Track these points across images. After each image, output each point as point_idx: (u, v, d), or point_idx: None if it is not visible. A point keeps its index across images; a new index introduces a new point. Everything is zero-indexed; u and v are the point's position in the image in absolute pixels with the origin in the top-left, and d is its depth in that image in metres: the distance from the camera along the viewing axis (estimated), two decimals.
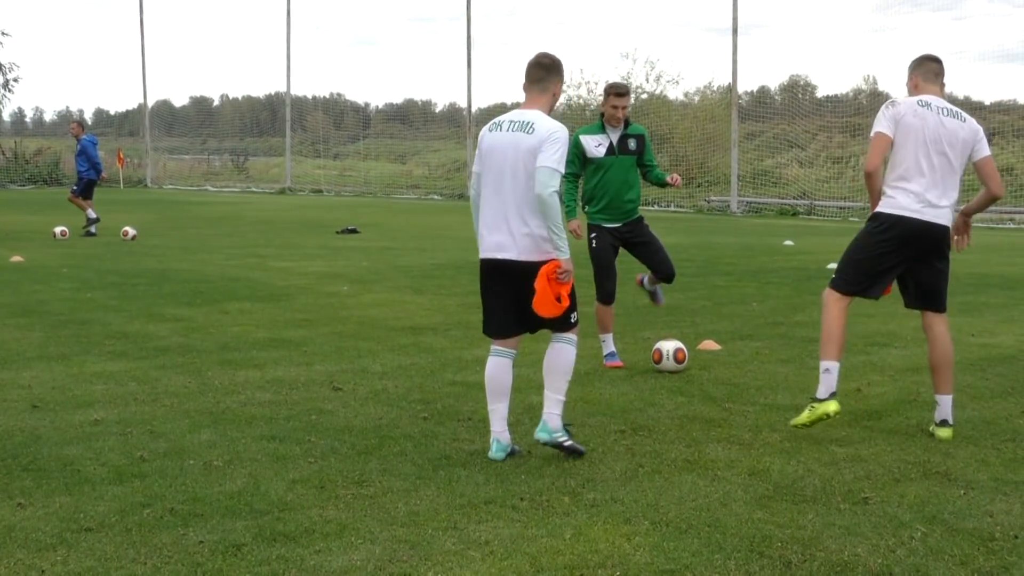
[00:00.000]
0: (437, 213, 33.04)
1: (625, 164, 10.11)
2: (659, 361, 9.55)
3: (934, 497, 6.21)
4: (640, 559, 5.28)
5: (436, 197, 43.16)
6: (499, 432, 7.05)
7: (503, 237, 6.99)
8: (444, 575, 5.05)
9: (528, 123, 6.95)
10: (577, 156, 9.97)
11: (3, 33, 60.14)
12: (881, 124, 7.65)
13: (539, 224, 6.89)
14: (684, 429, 7.71)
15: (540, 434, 6.97)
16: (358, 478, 6.52)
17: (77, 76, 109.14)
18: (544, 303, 6.89)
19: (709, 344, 10.73)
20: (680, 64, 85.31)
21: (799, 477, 6.59)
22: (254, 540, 5.49)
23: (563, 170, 6.86)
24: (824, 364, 7.56)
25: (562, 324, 7.19)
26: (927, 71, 7.90)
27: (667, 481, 6.51)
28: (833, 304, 7.73)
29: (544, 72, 7.14)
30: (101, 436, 7.36)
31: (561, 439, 6.92)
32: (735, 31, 33.62)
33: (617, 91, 10.02)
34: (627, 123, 10.12)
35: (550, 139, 6.84)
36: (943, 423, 7.59)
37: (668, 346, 9.63)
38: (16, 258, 18.30)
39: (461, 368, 9.70)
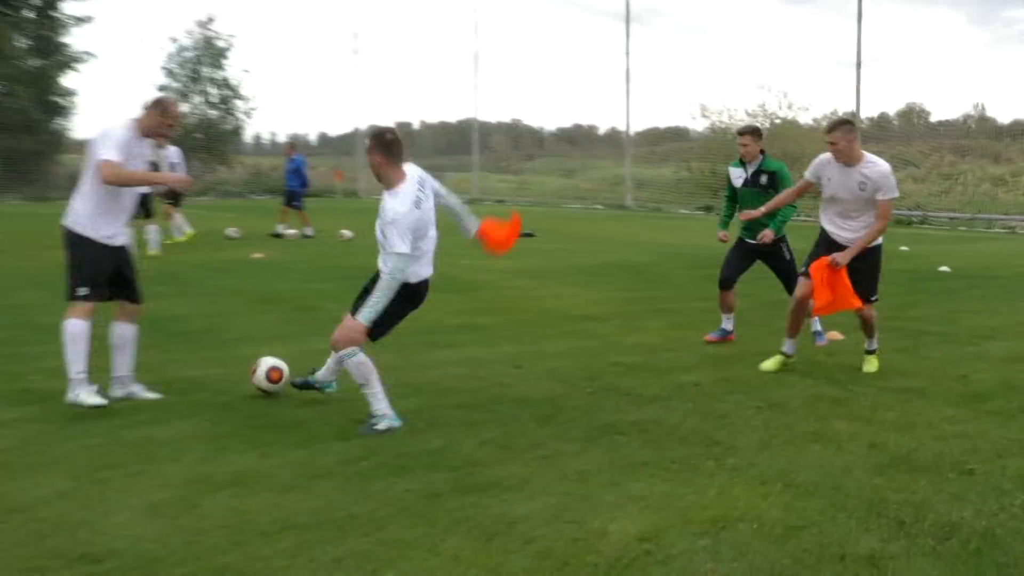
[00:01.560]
0: (600, 221, 32.96)
1: (756, 194, 10.05)
2: (253, 374, 7.82)
3: None
4: (774, 515, 5.26)
5: (599, 207, 42.99)
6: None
7: None
8: (607, 524, 5.09)
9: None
10: (728, 183, 10.35)
11: (244, 70, 61.89)
12: None
13: None
14: (812, 406, 7.62)
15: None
16: (536, 441, 6.59)
17: (304, 105, 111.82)
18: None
19: (834, 335, 10.55)
20: (810, 93, 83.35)
21: (912, 450, 6.47)
22: (450, 490, 5.60)
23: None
24: None
25: None
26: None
27: (797, 450, 6.46)
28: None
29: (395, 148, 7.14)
30: (326, 401, 7.58)
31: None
32: (858, 65, 32.93)
33: (741, 131, 10.21)
34: (764, 158, 10.11)
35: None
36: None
37: (265, 364, 7.86)
38: (257, 255, 18.86)
39: (622, 351, 9.71)
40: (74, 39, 56.52)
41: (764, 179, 10.04)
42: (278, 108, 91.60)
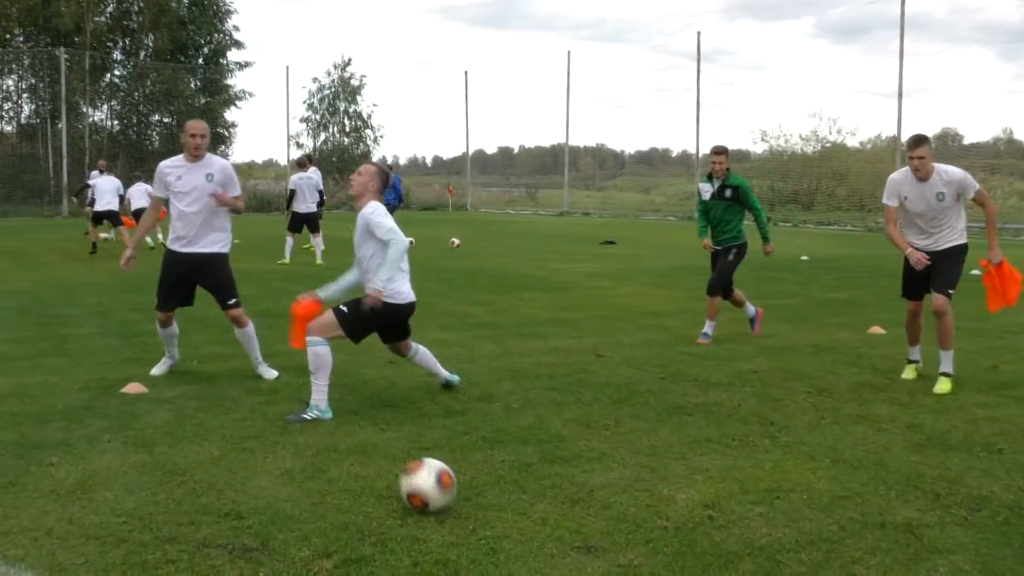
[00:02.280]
0: (672, 230, 32.59)
1: (722, 207, 9.76)
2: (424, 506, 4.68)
3: None
4: (822, 487, 5.12)
5: (671, 218, 42.54)
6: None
7: None
8: (675, 492, 5.00)
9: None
10: (699, 197, 9.95)
11: (374, 104, 62.54)
12: None
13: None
14: (856, 392, 7.41)
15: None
16: (614, 419, 6.51)
17: (421, 132, 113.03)
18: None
19: (876, 329, 10.27)
20: (856, 120, 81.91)
21: (947, 431, 6.25)
22: (540, 461, 5.55)
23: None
24: None
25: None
26: None
27: (843, 430, 6.29)
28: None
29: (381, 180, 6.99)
30: (434, 385, 7.53)
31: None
32: (900, 95, 32.02)
33: (716, 150, 9.74)
34: (729, 174, 9.75)
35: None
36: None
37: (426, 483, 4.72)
38: None
39: (689, 343, 9.56)
40: (236, 80, 58.05)
41: (728, 192, 9.70)
42: (401, 135, 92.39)
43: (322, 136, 51.77)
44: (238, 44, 53.21)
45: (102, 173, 21.56)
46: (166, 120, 47.01)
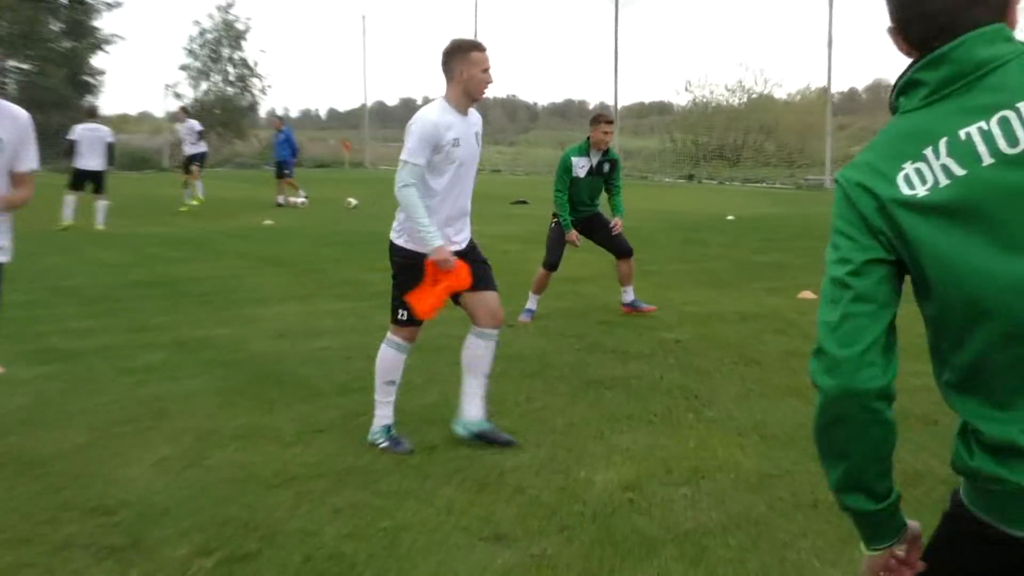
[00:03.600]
0: None
1: (599, 183, 9.47)
2: None
3: None
4: (750, 465, 5.17)
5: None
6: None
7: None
8: (593, 474, 5.01)
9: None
10: (566, 172, 9.27)
11: (261, 51, 61.40)
12: None
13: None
14: (786, 361, 7.51)
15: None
16: (526, 396, 6.50)
17: (314, 83, 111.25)
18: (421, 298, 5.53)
19: (807, 294, 10.43)
20: (784, 70, 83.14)
21: None
22: (444, 443, 5.51)
23: (410, 160, 5.34)
24: None
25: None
26: None
27: (772, 403, 6.37)
28: None
29: (444, 63, 5.41)
30: (329, 359, 7.47)
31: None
32: (830, 43, 32.54)
33: (608, 120, 9.41)
34: (607, 149, 9.38)
35: (407, 130, 5.41)
36: None
37: None
38: (268, 222, 18.71)
39: (608, 311, 9.60)
40: (104, 22, 56.35)
41: (607, 167, 9.41)
42: (291, 85, 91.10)
43: (204, 85, 50.77)
44: None
45: None
46: (24, 67, 45.41)
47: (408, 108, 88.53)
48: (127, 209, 20.59)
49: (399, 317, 5.67)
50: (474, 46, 5.43)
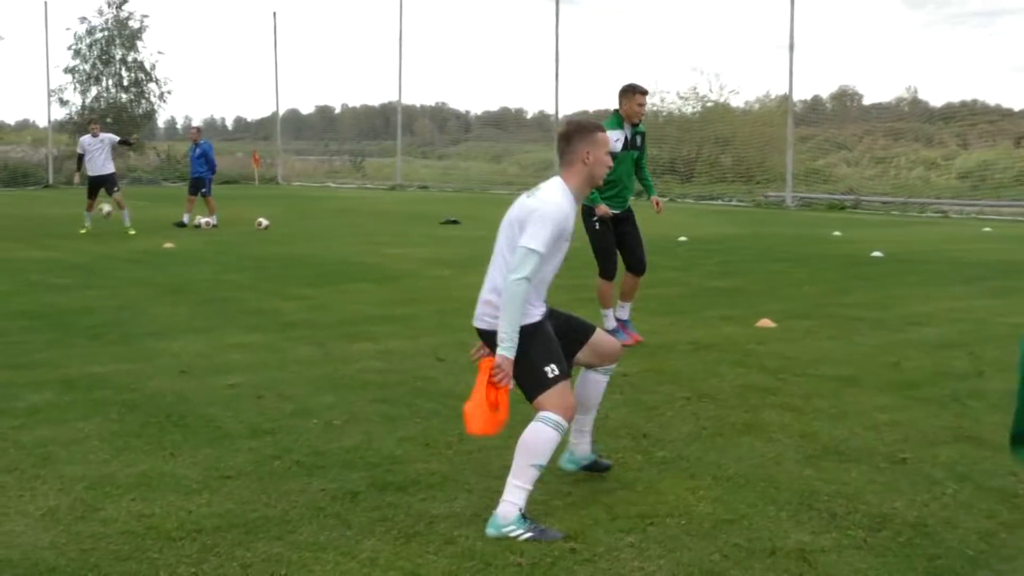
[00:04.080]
0: None
1: (633, 157, 9.89)
2: None
3: (964, 458, 6.11)
4: (703, 509, 5.26)
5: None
6: None
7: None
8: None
9: (535, 189, 5.44)
10: None
11: (159, 52, 61.07)
12: None
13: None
14: (743, 396, 7.64)
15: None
16: (458, 436, 6.52)
17: (220, 89, 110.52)
18: (475, 411, 5.14)
19: (766, 322, 10.61)
20: (742, 76, 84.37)
21: (844, 439, 6.51)
22: (368, 489, 5.53)
23: (538, 250, 5.09)
24: None
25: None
26: None
27: (727, 442, 6.47)
28: None
29: (564, 143, 5.39)
30: (238, 398, 7.46)
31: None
32: (791, 47, 33.10)
33: (644, 91, 9.69)
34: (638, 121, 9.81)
35: (533, 215, 5.20)
36: None
37: None
38: (168, 245, 18.57)
39: None
40: None
41: (639, 140, 9.87)
42: (194, 92, 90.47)
43: (93, 91, 50.33)
44: None
45: None
46: None
47: (325, 117, 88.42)
48: (6, 231, 20.34)
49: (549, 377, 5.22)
50: (598, 127, 5.43)
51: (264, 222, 22.68)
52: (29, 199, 31.71)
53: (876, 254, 17.66)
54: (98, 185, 21.39)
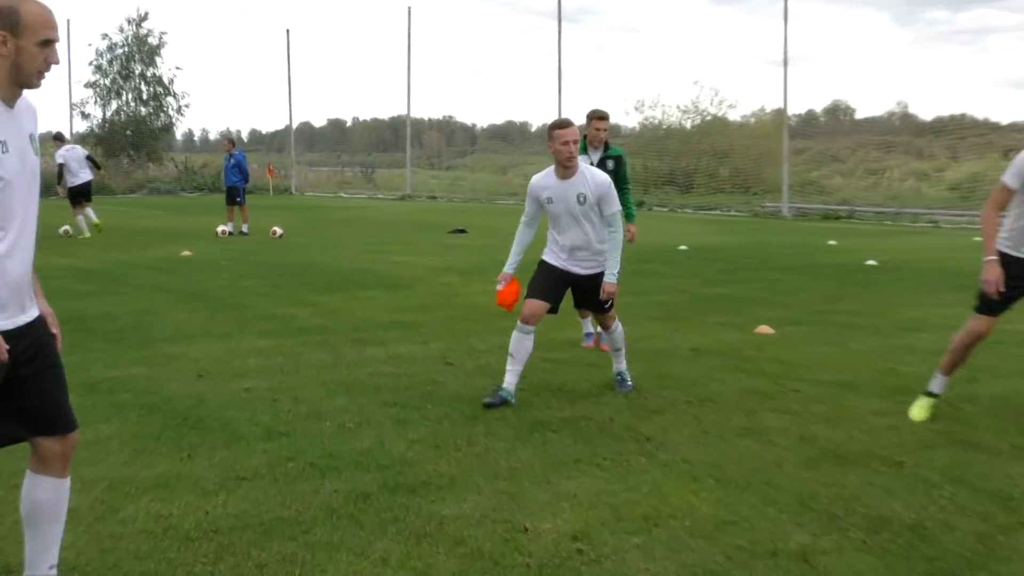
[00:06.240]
0: None
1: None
2: None
3: (960, 462, 6.06)
4: (705, 511, 5.21)
5: None
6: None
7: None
8: (539, 523, 5.01)
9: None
10: None
11: (177, 67, 61.24)
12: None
13: None
14: (743, 401, 7.60)
15: None
16: (467, 439, 6.50)
17: (236, 102, 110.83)
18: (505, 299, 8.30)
19: (764, 329, 10.57)
20: (739, 90, 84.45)
21: (842, 443, 6.46)
22: (379, 490, 5.49)
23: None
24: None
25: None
26: None
27: (728, 445, 6.43)
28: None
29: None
30: (254, 401, 7.43)
31: None
32: (785, 63, 33.15)
33: (599, 115, 9.49)
34: (607, 145, 9.54)
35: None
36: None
37: None
38: (186, 252, 18.57)
39: (552, 347, 9.63)
40: None
41: (611, 164, 9.47)
42: (210, 105, 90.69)
43: (114, 104, 50.41)
44: None
45: None
46: None
47: (337, 130, 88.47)
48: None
49: None
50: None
51: (278, 231, 22.69)
52: (52, 207, 31.74)
53: (870, 262, 17.62)
54: (80, 194, 22.47)
